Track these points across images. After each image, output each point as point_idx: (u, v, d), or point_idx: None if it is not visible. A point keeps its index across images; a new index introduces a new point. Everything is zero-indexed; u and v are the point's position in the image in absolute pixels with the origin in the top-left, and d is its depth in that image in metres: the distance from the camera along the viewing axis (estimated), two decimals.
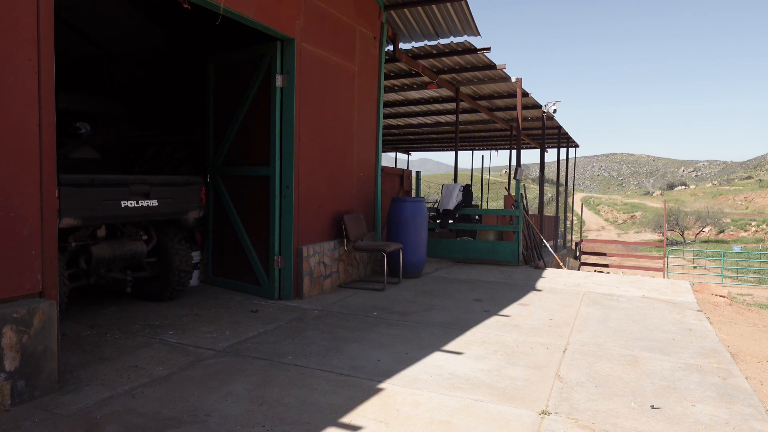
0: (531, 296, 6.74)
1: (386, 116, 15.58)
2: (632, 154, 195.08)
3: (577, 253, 18.45)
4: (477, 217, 12.32)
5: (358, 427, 2.98)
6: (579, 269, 17.05)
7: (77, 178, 4.48)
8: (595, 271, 16.33)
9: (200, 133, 7.35)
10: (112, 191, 4.76)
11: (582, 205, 28.44)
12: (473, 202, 11.32)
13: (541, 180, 13.72)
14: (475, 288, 7.19)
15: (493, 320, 5.42)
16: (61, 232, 4.72)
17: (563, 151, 19.41)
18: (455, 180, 12.73)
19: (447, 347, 4.47)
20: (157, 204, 5.20)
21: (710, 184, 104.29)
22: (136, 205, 4.97)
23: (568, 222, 23.23)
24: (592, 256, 20.12)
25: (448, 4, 7.79)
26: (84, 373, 3.65)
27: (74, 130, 6.15)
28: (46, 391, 3.25)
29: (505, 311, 5.85)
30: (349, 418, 3.08)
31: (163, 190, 5.26)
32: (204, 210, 5.81)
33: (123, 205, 4.85)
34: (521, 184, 10.05)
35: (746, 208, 62.05)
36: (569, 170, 20.59)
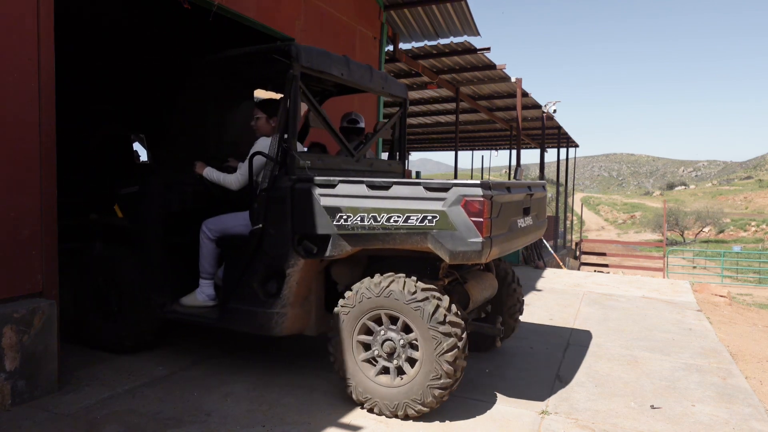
0: (531, 296, 6.74)
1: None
2: (632, 154, 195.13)
3: (577, 253, 18.44)
4: None
5: (358, 427, 2.98)
6: (579, 269, 17.04)
7: (498, 183, 3.16)
8: (595, 271, 16.33)
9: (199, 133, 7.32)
10: (515, 205, 3.36)
11: (582, 205, 28.44)
12: None
13: (541, 180, 13.72)
14: None
15: None
16: (432, 264, 3.34)
17: (563, 151, 19.40)
18: None
19: None
20: (532, 223, 3.72)
21: (710, 184, 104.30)
22: (524, 225, 3.54)
23: (568, 222, 23.23)
24: (592, 256, 20.11)
25: (448, 4, 7.79)
26: (84, 373, 3.65)
27: (351, 123, 4.72)
28: (46, 390, 3.25)
29: None
30: (349, 418, 3.08)
31: (537, 202, 3.85)
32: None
33: (519, 225, 3.45)
34: None
35: (746, 208, 62.03)
36: (569, 170, 20.60)
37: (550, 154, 19.80)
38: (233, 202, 4.02)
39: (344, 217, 3.14)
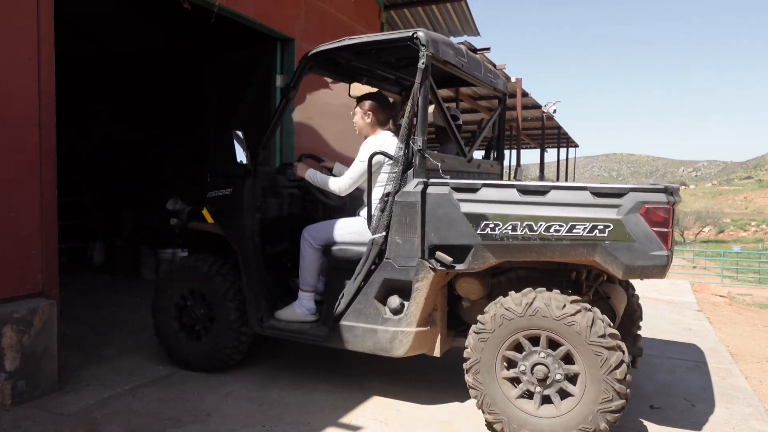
0: None
1: None
2: (632, 154, 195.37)
3: None
4: None
5: (358, 427, 2.98)
6: None
7: (675, 188, 2.74)
8: None
9: (200, 133, 7.33)
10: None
11: None
12: None
13: (541, 180, 13.73)
14: None
15: None
16: (567, 276, 3.08)
17: (563, 151, 19.42)
18: None
19: None
20: None
21: (710, 184, 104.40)
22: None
23: None
24: None
25: (448, 5, 7.79)
26: (84, 373, 3.65)
27: (452, 119, 4.07)
28: (46, 391, 3.25)
29: None
30: (349, 418, 3.08)
31: None
32: None
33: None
34: None
35: (746, 208, 62.08)
36: (569, 170, 20.61)
37: (550, 154, 19.82)
38: (333, 208, 3.78)
39: (491, 225, 2.78)
